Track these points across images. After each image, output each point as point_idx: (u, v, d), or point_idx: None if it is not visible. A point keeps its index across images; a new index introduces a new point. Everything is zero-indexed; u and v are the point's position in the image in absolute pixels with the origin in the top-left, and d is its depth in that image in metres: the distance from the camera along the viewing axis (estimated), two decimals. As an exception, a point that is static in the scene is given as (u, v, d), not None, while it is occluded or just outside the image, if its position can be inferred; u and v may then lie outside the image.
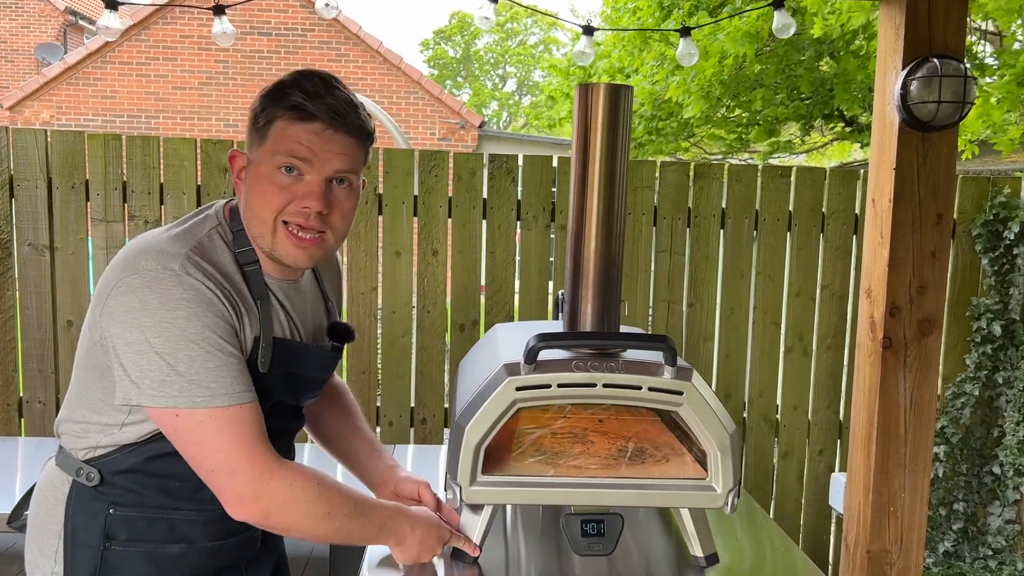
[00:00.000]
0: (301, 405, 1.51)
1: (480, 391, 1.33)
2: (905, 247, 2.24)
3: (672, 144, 9.78)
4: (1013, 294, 3.26)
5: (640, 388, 1.31)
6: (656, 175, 3.27)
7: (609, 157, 1.39)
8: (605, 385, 1.31)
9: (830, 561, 3.46)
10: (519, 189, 3.22)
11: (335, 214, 1.32)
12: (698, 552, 1.44)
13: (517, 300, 3.27)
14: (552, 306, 3.08)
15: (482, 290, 3.26)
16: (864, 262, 2.37)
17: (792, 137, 9.92)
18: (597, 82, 1.47)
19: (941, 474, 3.32)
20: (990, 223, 3.27)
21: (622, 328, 1.51)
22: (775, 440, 3.42)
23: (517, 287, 3.26)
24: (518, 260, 3.25)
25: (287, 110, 1.27)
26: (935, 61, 2.13)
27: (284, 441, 1.48)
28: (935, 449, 3.28)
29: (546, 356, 1.32)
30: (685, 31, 3.31)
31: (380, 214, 3.17)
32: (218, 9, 3.05)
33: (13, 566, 3.15)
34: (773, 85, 8.00)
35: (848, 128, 9.05)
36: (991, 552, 3.29)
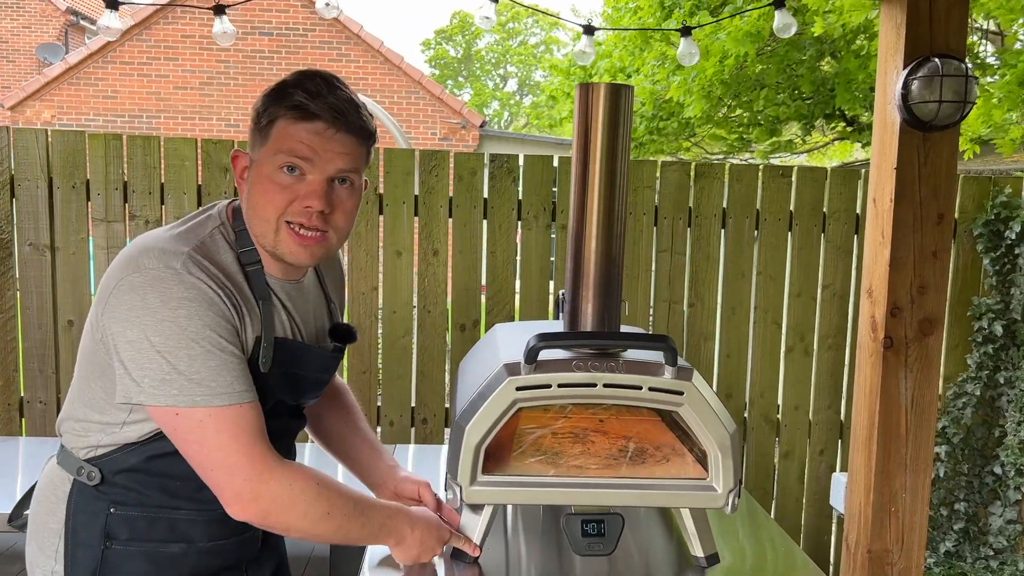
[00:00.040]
0: (302, 405, 1.51)
1: (480, 391, 1.33)
2: (906, 247, 2.24)
3: (673, 144, 9.78)
4: (1014, 294, 3.25)
5: (640, 388, 1.31)
6: (657, 175, 3.27)
7: (610, 157, 1.39)
8: (605, 385, 1.31)
9: (831, 561, 3.45)
10: (520, 189, 3.22)
11: (337, 213, 1.32)
12: (699, 552, 1.44)
13: (518, 300, 3.27)
14: (553, 306, 3.08)
15: (483, 290, 3.26)
16: (865, 262, 2.37)
17: (793, 137, 9.91)
18: (597, 82, 1.47)
19: (942, 474, 3.32)
20: (991, 223, 3.26)
21: (623, 328, 1.51)
22: (776, 440, 3.41)
23: (518, 287, 3.26)
24: (519, 260, 3.25)
25: (289, 110, 1.27)
26: (936, 61, 2.13)
27: (285, 441, 1.49)
28: (936, 449, 3.28)
29: (546, 356, 1.32)
30: (686, 31, 3.31)
31: (381, 214, 3.17)
32: (218, 9, 3.06)
33: (14, 566, 3.15)
34: (775, 85, 7.99)
35: (849, 128, 9.04)
36: (992, 552, 3.28)
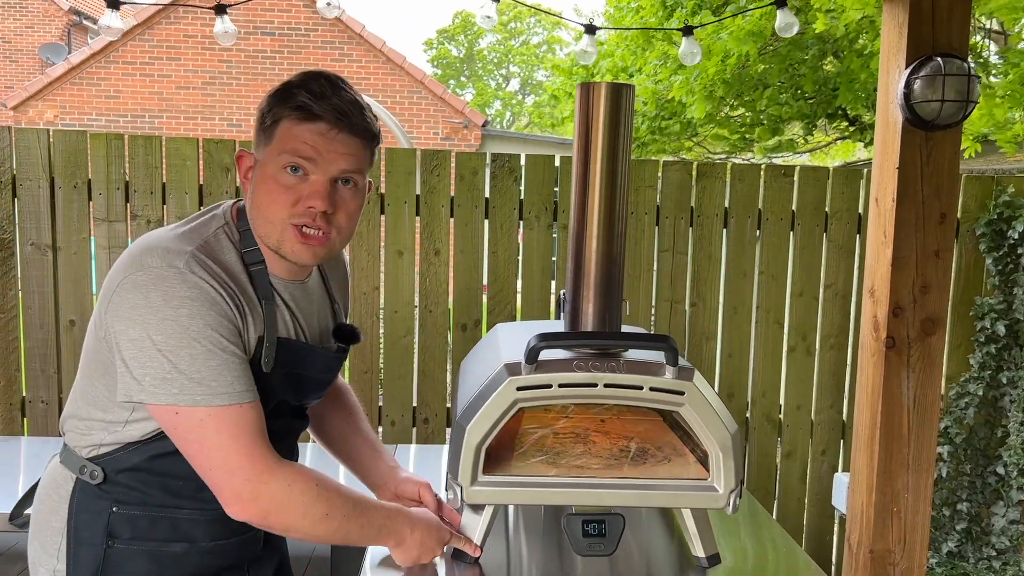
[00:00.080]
0: (305, 406, 1.51)
1: (481, 391, 1.33)
2: (908, 246, 2.23)
3: (675, 144, 9.76)
4: (1017, 293, 3.25)
5: (641, 388, 1.31)
6: (659, 174, 3.26)
7: (610, 156, 1.39)
8: (606, 385, 1.31)
9: (833, 561, 3.45)
10: (521, 188, 3.21)
11: (340, 214, 1.32)
12: (700, 552, 1.44)
13: (519, 300, 3.27)
14: (555, 306, 3.07)
15: (484, 290, 3.26)
16: (867, 261, 2.37)
17: (795, 136, 9.89)
18: (598, 81, 1.47)
19: (945, 474, 3.31)
20: (994, 222, 3.26)
21: (624, 328, 1.50)
22: (778, 440, 3.41)
23: (519, 287, 3.26)
24: (520, 260, 3.25)
25: (293, 110, 1.28)
26: (939, 60, 2.12)
27: (288, 442, 1.49)
28: (939, 449, 3.27)
29: (547, 356, 1.31)
30: (688, 30, 3.31)
31: (382, 214, 3.17)
32: (220, 8, 3.06)
33: (16, 565, 3.15)
34: (777, 84, 7.98)
35: (851, 127, 9.02)
36: (995, 552, 3.28)
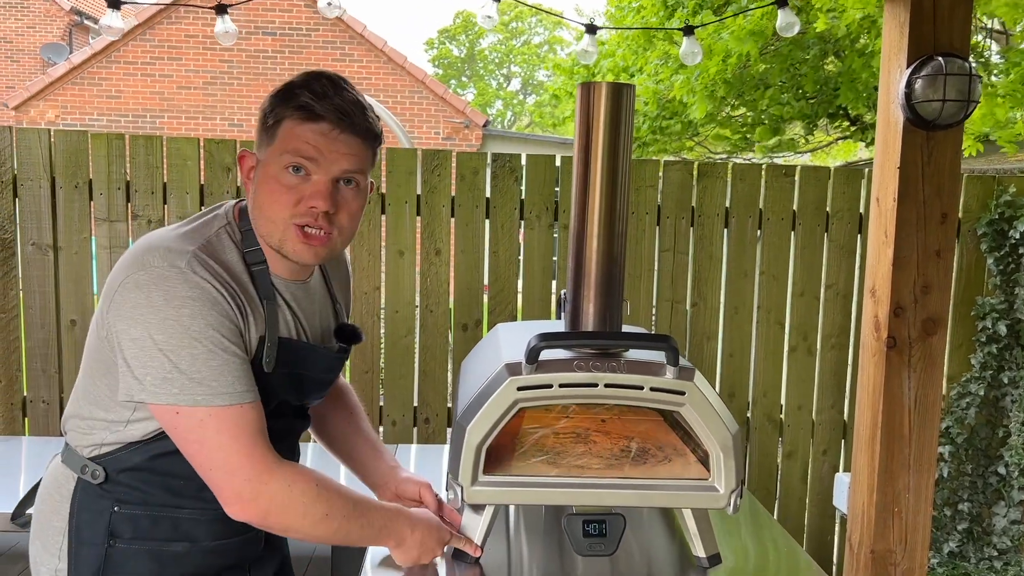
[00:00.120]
0: (307, 406, 1.51)
1: (481, 391, 1.33)
2: (909, 246, 2.23)
3: (677, 143, 9.76)
4: (1019, 293, 3.24)
5: (642, 388, 1.31)
6: (660, 174, 3.26)
7: (611, 156, 1.39)
8: (607, 385, 1.31)
9: (834, 562, 3.45)
10: (522, 188, 3.21)
11: (342, 214, 1.32)
12: (700, 553, 1.44)
13: (520, 300, 3.27)
14: (555, 306, 3.07)
15: (485, 289, 3.26)
16: (868, 261, 2.36)
17: (796, 136, 9.89)
18: (599, 81, 1.46)
19: (946, 474, 3.31)
20: (995, 222, 3.25)
21: (624, 328, 1.50)
22: (779, 440, 3.41)
23: (520, 287, 3.26)
24: (521, 259, 3.25)
25: (295, 110, 1.28)
26: (940, 59, 2.12)
27: (289, 441, 1.49)
28: (940, 449, 3.27)
29: (548, 356, 1.31)
30: (689, 30, 3.30)
31: (383, 213, 3.17)
32: (220, 8, 3.06)
33: (17, 564, 3.16)
34: (778, 84, 7.97)
35: (853, 127, 9.02)
36: (996, 553, 3.27)
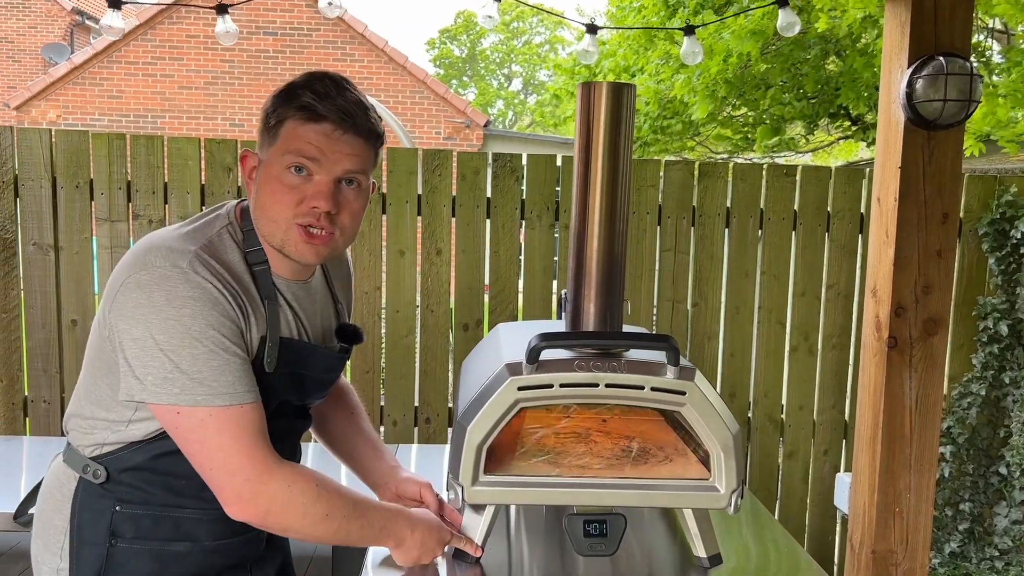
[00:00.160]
0: (308, 406, 1.51)
1: (482, 391, 1.33)
2: (911, 246, 2.23)
3: (677, 143, 9.75)
4: (1020, 293, 3.24)
5: (643, 388, 1.31)
6: (660, 174, 3.26)
7: (612, 155, 1.39)
8: (607, 385, 1.31)
9: (835, 562, 3.44)
10: (523, 188, 3.21)
11: (344, 214, 1.32)
12: (701, 553, 1.44)
13: (521, 299, 3.27)
14: (556, 306, 3.07)
15: (486, 289, 3.26)
16: (869, 261, 2.36)
17: (797, 136, 9.89)
18: (600, 81, 1.46)
19: (947, 474, 3.31)
20: (997, 222, 3.25)
21: (625, 328, 1.50)
22: (780, 440, 3.40)
23: (521, 286, 3.26)
24: (522, 259, 3.25)
25: (297, 110, 1.28)
26: (941, 59, 2.12)
27: (290, 441, 1.49)
28: (941, 449, 3.26)
29: (548, 356, 1.31)
30: (689, 29, 3.31)
31: (384, 213, 3.17)
32: (221, 8, 3.06)
33: (18, 564, 3.16)
34: (779, 84, 7.97)
35: (854, 127, 9.01)
36: (997, 553, 3.27)
